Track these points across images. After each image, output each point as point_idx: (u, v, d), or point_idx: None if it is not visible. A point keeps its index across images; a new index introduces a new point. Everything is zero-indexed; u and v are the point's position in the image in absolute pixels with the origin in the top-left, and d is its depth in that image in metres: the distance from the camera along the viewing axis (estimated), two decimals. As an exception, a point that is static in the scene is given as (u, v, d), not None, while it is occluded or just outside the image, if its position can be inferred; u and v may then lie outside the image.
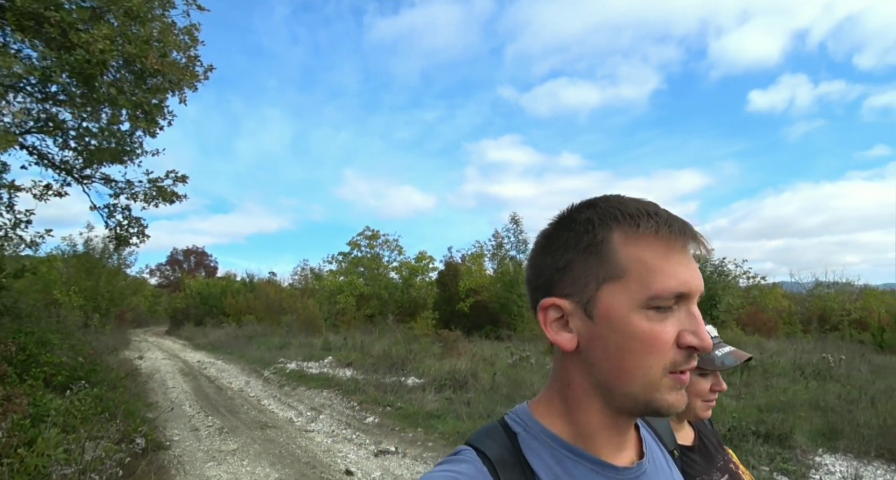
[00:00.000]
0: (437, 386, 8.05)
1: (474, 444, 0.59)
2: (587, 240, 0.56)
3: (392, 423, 6.65)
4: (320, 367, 11.39)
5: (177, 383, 10.35)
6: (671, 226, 0.55)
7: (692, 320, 0.55)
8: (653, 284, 0.53)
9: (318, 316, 18.98)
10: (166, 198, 8.33)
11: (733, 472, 1.18)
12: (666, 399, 0.55)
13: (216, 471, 4.88)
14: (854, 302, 21.46)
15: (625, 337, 0.54)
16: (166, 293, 32.13)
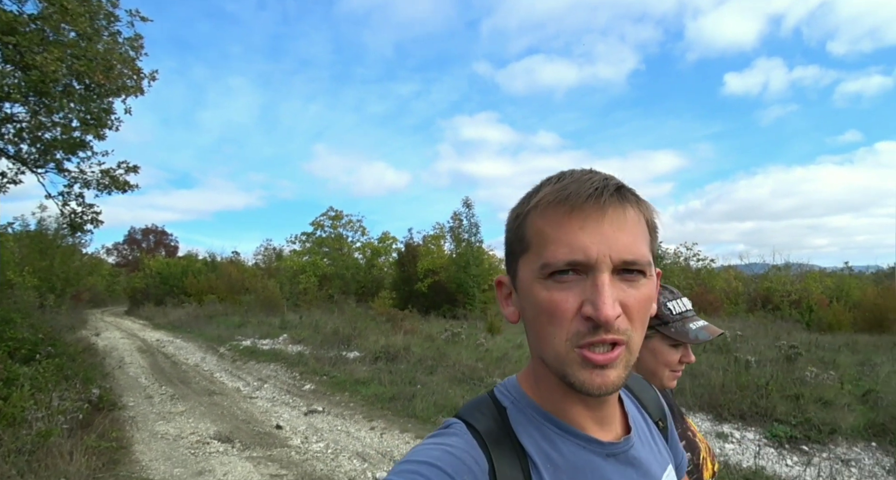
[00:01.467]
0: (373, 358, 9.25)
1: (464, 417, 0.60)
2: (511, 220, 0.61)
3: (325, 389, 7.84)
4: (273, 344, 12.48)
5: (134, 359, 11.31)
6: (566, 189, 0.55)
7: (593, 289, 0.53)
8: (544, 253, 0.55)
9: (278, 295, 19.97)
10: (118, 186, 9.17)
11: (691, 439, 1.25)
12: (577, 375, 0.54)
13: (164, 427, 5.98)
14: (794, 283, 23.43)
15: (532, 308, 0.56)
16: (125, 273, 32.51)
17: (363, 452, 5.15)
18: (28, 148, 8.31)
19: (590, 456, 0.59)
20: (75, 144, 7.96)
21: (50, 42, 5.37)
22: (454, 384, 7.16)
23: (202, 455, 5.01)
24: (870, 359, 9.44)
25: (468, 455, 0.54)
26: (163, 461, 4.81)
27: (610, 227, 0.54)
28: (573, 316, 0.54)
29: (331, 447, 5.32)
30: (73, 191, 9.06)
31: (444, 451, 0.54)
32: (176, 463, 4.76)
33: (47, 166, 8.68)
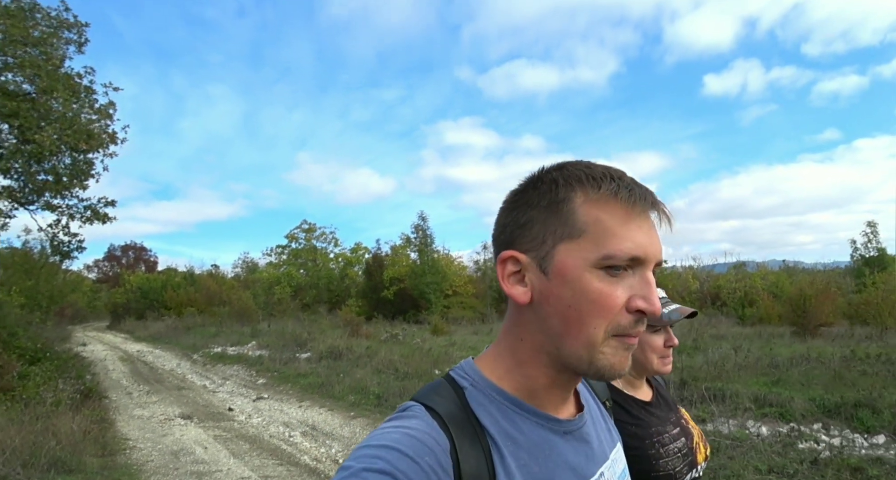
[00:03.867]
0: (319, 357, 11.28)
1: (422, 400, 0.61)
2: (549, 199, 0.61)
3: (274, 382, 9.86)
4: (241, 350, 14.46)
5: (116, 367, 13.26)
6: (632, 190, 0.59)
7: (645, 285, 0.57)
8: (607, 245, 0.57)
9: (251, 306, 21.90)
10: (99, 218, 11.14)
11: (684, 426, 1.33)
12: (609, 359, 0.58)
13: (140, 412, 7.97)
14: (739, 281, 25.73)
15: (575, 295, 0.57)
16: (105, 288, 34.29)
17: (288, 421, 7.18)
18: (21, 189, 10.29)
19: (547, 434, 0.62)
20: (63, 187, 9.96)
21: (46, 121, 7.37)
22: (373, 374, 9.21)
23: (167, 427, 7.02)
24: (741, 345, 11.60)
25: (428, 436, 0.55)
26: (138, 430, 6.81)
27: (654, 231, 0.60)
28: (620, 309, 0.57)
29: (265, 419, 7.34)
30: (60, 223, 11.03)
31: (404, 433, 0.54)
32: (147, 431, 6.76)
33: (38, 204, 10.66)
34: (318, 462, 5.42)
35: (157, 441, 6.26)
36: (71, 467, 4.53)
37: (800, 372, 7.36)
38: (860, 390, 6.16)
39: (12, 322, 9.25)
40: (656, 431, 1.26)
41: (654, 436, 1.24)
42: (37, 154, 7.43)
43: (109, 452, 5.51)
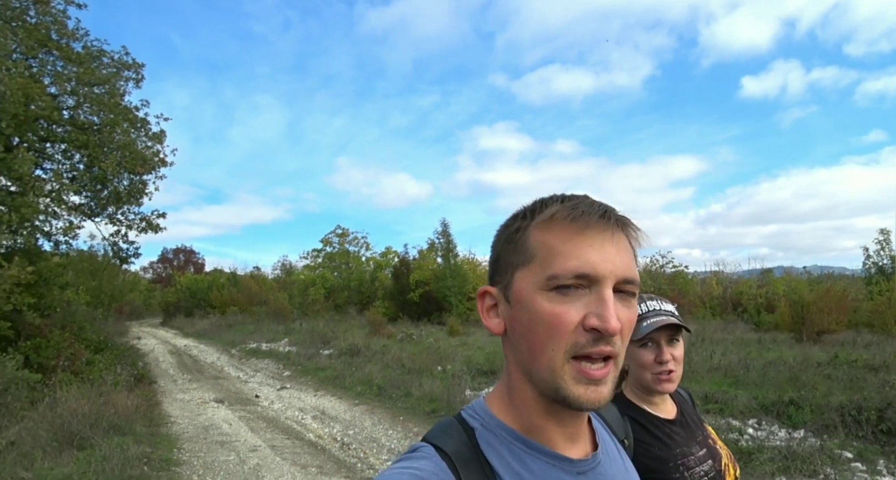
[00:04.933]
0: (339, 353, 12.43)
1: (432, 441, 0.61)
2: (509, 232, 0.63)
3: (297, 375, 11.06)
4: (273, 346, 15.82)
5: (165, 359, 14.82)
6: (577, 208, 0.58)
7: (599, 303, 0.55)
8: (552, 265, 0.57)
9: (287, 306, 23.41)
10: (152, 228, 12.66)
11: (711, 446, 1.26)
12: (571, 390, 0.56)
13: (182, 396, 9.27)
14: (761, 287, 25.61)
15: (531, 318, 0.58)
16: (159, 288, 36.90)
17: (303, 407, 8.30)
18: (88, 205, 11.88)
19: (560, 475, 0.60)
20: (122, 204, 11.48)
21: (108, 149, 8.81)
22: (382, 369, 10.25)
23: (203, 408, 8.26)
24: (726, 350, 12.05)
25: (437, 477, 0.55)
26: (179, 409, 8.07)
27: (613, 248, 0.57)
28: (574, 329, 0.55)
29: (285, 405, 8.48)
30: (119, 233, 12.61)
31: (412, 475, 0.54)
32: (186, 411, 8.00)
33: (102, 217, 12.24)
34: (320, 438, 6.48)
35: (192, 418, 7.48)
36: (125, 432, 5.74)
37: (758, 374, 7.94)
38: (801, 390, 6.74)
39: (80, 317, 10.77)
40: (681, 452, 1.19)
41: (678, 458, 1.18)
42: (101, 178, 8.88)
43: (154, 424, 6.75)
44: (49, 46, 9.94)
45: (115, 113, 10.04)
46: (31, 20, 10.02)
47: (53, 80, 10.12)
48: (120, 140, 9.22)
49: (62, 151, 9.51)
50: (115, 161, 8.84)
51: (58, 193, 9.80)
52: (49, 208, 9.17)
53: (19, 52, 9.59)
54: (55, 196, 9.77)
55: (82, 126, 9.92)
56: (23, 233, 9.15)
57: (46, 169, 10.23)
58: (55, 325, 9.18)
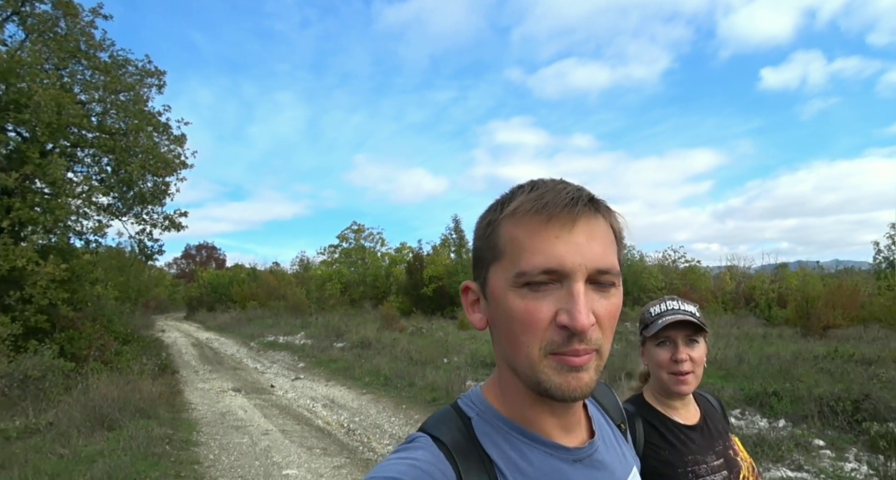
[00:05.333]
0: (351, 346, 12.92)
1: (429, 431, 0.61)
2: (482, 227, 0.62)
3: (311, 366, 11.56)
4: (290, 339, 16.40)
5: (188, 351, 15.50)
6: (542, 199, 0.56)
7: (569, 298, 0.54)
8: (519, 261, 0.55)
9: (303, 301, 24.06)
10: (175, 226, 13.28)
11: (731, 457, 1.22)
12: (552, 380, 0.55)
13: (202, 385, 9.83)
14: (772, 282, 25.45)
15: (505, 316, 0.57)
16: (183, 283, 38.05)
17: (314, 396, 8.77)
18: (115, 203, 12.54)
19: (557, 463, 0.60)
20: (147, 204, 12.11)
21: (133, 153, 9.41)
22: (390, 360, 10.69)
23: (221, 397, 8.79)
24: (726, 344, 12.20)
25: (434, 467, 0.55)
26: (199, 398, 8.61)
27: (584, 237, 0.55)
28: (547, 325, 0.54)
29: (297, 394, 8.97)
30: (145, 232, 13.26)
31: (410, 465, 0.54)
32: (205, 399, 8.54)
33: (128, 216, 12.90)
34: (328, 424, 6.93)
35: (211, 405, 8.01)
36: (149, 415, 6.27)
37: (751, 367, 8.16)
38: (788, 383, 6.97)
39: (109, 311, 11.44)
40: (692, 459, 1.17)
41: (688, 465, 1.16)
42: (127, 180, 9.48)
43: (176, 410, 7.28)
44: (78, 56, 10.55)
45: (140, 118, 10.64)
46: (62, 31, 10.63)
47: (83, 89, 10.74)
48: (144, 144, 9.80)
49: (91, 155, 10.14)
50: (139, 164, 9.44)
51: (88, 195, 10.44)
52: (80, 209, 9.79)
53: (52, 63, 10.21)
54: (85, 197, 10.41)
55: (110, 131, 10.54)
56: (56, 232, 9.80)
57: (77, 172, 10.90)
58: (87, 318, 9.83)
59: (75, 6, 10.66)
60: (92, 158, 10.47)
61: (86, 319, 9.87)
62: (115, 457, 4.67)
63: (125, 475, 4.30)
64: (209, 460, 5.20)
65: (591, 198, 0.58)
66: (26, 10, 10.40)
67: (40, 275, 7.96)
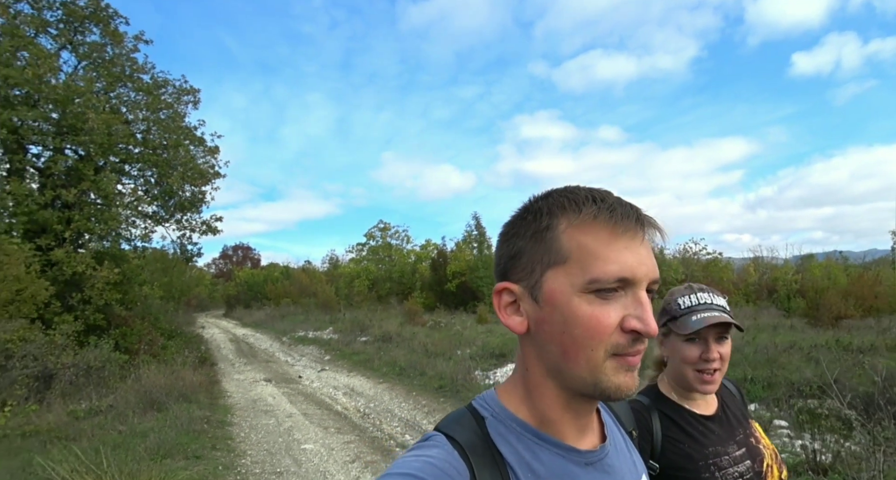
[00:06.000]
0: (374, 340, 13.75)
1: (444, 430, 0.62)
2: (534, 228, 0.61)
3: (335, 359, 12.44)
4: (319, 334, 17.39)
5: (226, 346, 16.66)
6: (614, 211, 0.58)
7: (638, 305, 0.57)
8: (592, 269, 0.57)
9: (332, 297, 25.16)
10: (211, 230, 14.38)
11: (752, 446, 1.19)
12: (612, 381, 0.58)
13: (238, 376, 10.81)
14: (795, 273, 25.14)
15: (567, 321, 0.57)
16: (221, 282, 39.95)
17: (336, 385, 9.60)
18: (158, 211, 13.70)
19: (568, 465, 0.62)
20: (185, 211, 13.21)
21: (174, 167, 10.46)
22: (407, 353, 11.46)
23: (254, 386, 9.71)
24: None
25: (449, 465, 0.56)
26: (234, 387, 9.55)
27: (644, 249, 0.59)
28: (613, 330, 0.57)
29: (322, 384, 9.82)
30: (185, 236, 14.41)
31: (425, 462, 0.56)
32: (240, 388, 9.47)
33: (170, 223, 14.05)
34: (346, 409, 7.72)
35: (244, 393, 8.93)
36: (191, 400, 7.18)
37: (741, 355, 8.55)
38: (772, 370, 7.38)
39: (156, 310, 12.59)
40: (713, 451, 1.14)
41: (709, 457, 1.13)
42: (168, 191, 10.54)
43: (214, 397, 8.21)
44: (124, 80, 11.65)
45: (178, 134, 11.69)
46: (108, 56, 11.75)
47: (128, 109, 11.85)
48: (183, 157, 10.84)
49: (138, 169, 11.26)
50: (179, 176, 10.48)
51: (135, 205, 11.55)
52: (129, 218, 10.90)
53: (101, 86, 11.33)
54: (133, 207, 11.53)
55: (153, 146, 11.63)
56: (109, 239, 10.93)
57: (125, 183, 12.04)
58: (136, 316, 10.94)
59: (121, 34, 11.77)
60: (138, 171, 11.60)
61: (136, 317, 10.99)
62: (163, 433, 5.55)
63: (171, 446, 5.16)
64: (240, 437, 6.04)
65: (647, 216, 0.62)
66: (78, 39, 11.55)
67: (97, 279, 9.02)
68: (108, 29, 11.45)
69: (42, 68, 9.07)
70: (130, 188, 11.27)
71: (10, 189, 8.46)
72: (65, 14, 11.04)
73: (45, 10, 11.02)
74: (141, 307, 11.61)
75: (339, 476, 4.73)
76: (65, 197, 9.16)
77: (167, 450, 5.02)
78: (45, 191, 9.19)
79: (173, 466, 4.50)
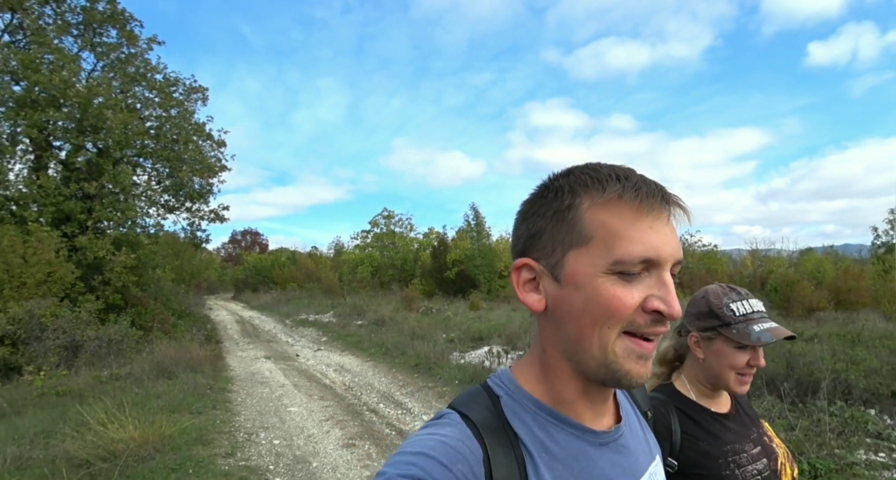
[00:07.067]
0: (369, 323, 14.90)
1: (458, 408, 0.62)
2: (555, 207, 0.60)
3: (331, 340, 13.62)
4: (319, 317, 18.61)
5: (232, 327, 17.95)
6: (639, 189, 0.57)
7: (662, 286, 0.57)
8: (616, 249, 0.56)
9: (335, 283, 26.41)
10: (219, 219, 15.55)
11: (767, 444, 1.21)
12: (623, 365, 0.57)
13: (241, 353, 12.01)
14: (788, 267, 25.83)
15: (589, 301, 0.57)
16: (230, 266, 41.52)
17: (329, 363, 10.75)
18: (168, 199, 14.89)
19: (583, 445, 0.62)
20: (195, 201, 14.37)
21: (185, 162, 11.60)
22: (395, 335, 12.58)
23: (254, 362, 10.90)
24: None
25: (462, 443, 0.56)
26: (236, 362, 10.75)
27: (668, 229, 0.58)
28: (634, 311, 0.56)
29: (316, 361, 10.98)
30: (194, 224, 15.61)
31: (438, 441, 0.56)
32: (241, 363, 10.66)
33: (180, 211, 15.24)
34: (333, 383, 8.84)
35: (245, 368, 10.12)
36: (197, 371, 8.37)
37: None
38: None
39: (167, 291, 13.85)
40: (732, 449, 1.16)
41: (728, 455, 1.15)
42: (179, 184, 11.70)
43: (218, 370, 9.40)
44: (138, 79, 12.75)
45: (188, 130, 12.80)
46: (123, 56, 12.84)
47: (143, 106, 12.97)
48: (192, 151, 11.97)
49: (151, 163, 12.43)
50: (189, 169, 11.62)
51: (149, 196, 12.73)
52: (143, 209, 12.09)
53: (118, 86, 12.44)
54: (147, 198, 12.71)
55: (165, 142, 12.77)
56: (125, 227, 12.13)
57: (139, 175, 13.22)
58: (150, 297, 12.17)
59: (136, 36, 12.84)
60: (151, 166, 12.76)
61: (150, 298, 12.22)
62: (174, 394, 6.72)
63: (180, 404, 6.32)
64: (237, 401, 7.20)
65: (672, 194, 0.60)
66: (97, 40, 12.65)
67: (115, 263, 10.21)
68: (125, 31, 12.52)
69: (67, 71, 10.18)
70: (144, 180, 12.47)
71: (41, 182, 9.62)
72: (85, 18, 12.12)
73: (67, 13, 12.11)
74: (154, 289, 12.85)
75: (314, 429, 5.86)
76: (87, 189, 10.33)
77: (175, 407, 6.18)
78: (70, 183, 10.36)
79: (180, 419, 5.64)
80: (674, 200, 0.60)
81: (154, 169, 12.59)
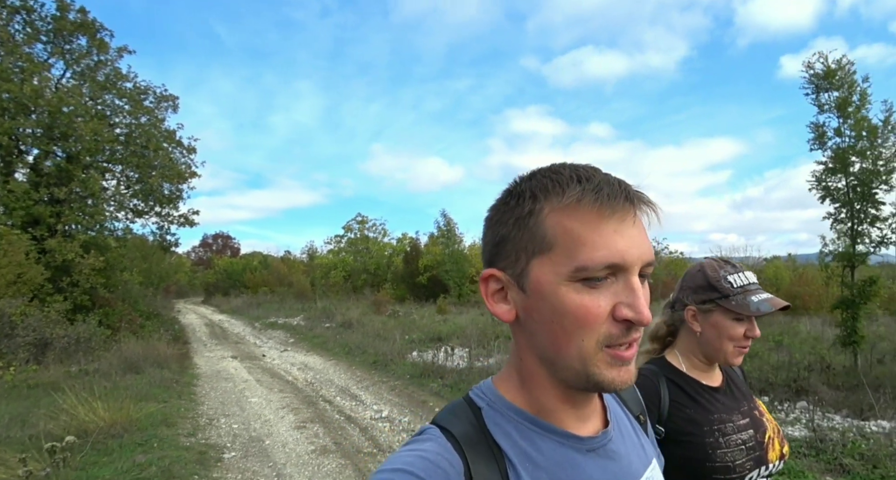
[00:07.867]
0: (337, 326, 15.56)
1: (439, 423, 0.62)
2: (517, 214, 0.59)
3: (298, 341, 14.25)
4: (289, 320, 19.17)
5: (201, 329, 18.39)
6: (600, 191, 0.55)
7: (630, 292, 0.55)
8: (579, 256, 0.55)
9: (307, 287, 26.93)
10: (189, 223, 16.06)
11: (756, 417, 1.25)
12: (605, 374, 0.57)
13: (208, 354, 12.56)
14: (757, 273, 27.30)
15: (555, 311, 0.56)
16: (201, 270, 41.57)
17: (293, 362, 11.39)
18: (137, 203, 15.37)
19: (569, 453, 0.61)
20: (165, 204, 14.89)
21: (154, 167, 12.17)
22: (359, 336, 13.28)
23: (221, 361, 11.48)
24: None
25: (442, 457, 0.56)
26: (203, 361, 11.31)
27: (635, 230, 0.57)
28: (604, 320, 0.55)
29: (281, 361, 11.60)
30: (164, 229, 16.09)
31: (417, 456, 0.56)
32: (208, 362, 11.24)
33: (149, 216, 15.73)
34: (295, 379, 9.50)
35: (211, 366, 10.71)
36: (163, 367, 8.97)
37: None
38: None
39: (135, 294, 14.33)
40: (719, 418, 1.20)
41: (714, 423, 1.20)
42: (148, 189, 12.28)
43: (184, 367, 9.99)
44: (108, 87, 13.27)
45: (158, 137, 13.35)
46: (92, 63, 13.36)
47: (112, 113, 13.48)
48: (162, 158, 12.55)
49: (121, 168, 12.95)
50: (159, 175, 12.19)
51: (119, 200, 13.23)
52: (112, 214, 12.59)
53: (87, 94, 12.94)
54: (116, 203, 13.21)
55: (135, 148, 13.29)
56: (94, 230, 12.61)
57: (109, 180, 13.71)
58: (118, 299, 12.64)
59: (106, 43, 13.36)
60: (121, 172, 13.28)
61: (117, 299, 12.69)
62: (141, 387, 7.34)
63: (147, 394, 6.95)
64: (201, 393, 7.84)
65: (638, 192, 0.59)
66: (66, 47, 13.14)
67: (84, 265, 10.70)
68: (95, 40, 13.04)
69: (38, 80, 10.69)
70: (113, 184, 12.97)
71: (11, 186, 10.10)
72: (55, 26, 12.62)
73: (38, 21, 12.60)
74: (122, 290, 13.31)
75: (270, 416, 6.55)
76: (56, 194, 10.83)
77: (142, 396, 6.81)
78: (40, 188, 10.84)
79: (147, 406, 6.28)
80: (640, 199, 0.58)
81: (124, 174, 13.10)
